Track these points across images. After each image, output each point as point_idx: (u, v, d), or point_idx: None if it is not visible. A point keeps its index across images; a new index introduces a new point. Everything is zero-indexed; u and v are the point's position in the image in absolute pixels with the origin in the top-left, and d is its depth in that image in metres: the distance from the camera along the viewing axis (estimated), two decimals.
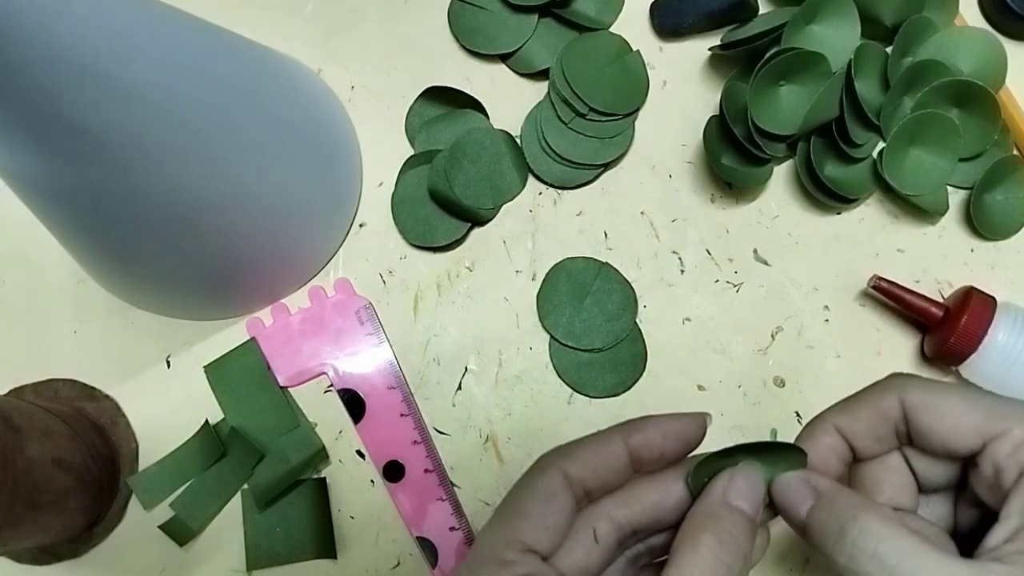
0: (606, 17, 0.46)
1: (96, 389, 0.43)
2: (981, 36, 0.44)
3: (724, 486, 0.26)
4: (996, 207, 0.43)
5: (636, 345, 0.43)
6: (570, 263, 0.44)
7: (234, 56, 0.36)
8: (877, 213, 0.44)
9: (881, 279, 0.41)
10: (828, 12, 0.43)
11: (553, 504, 0.26)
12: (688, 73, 0.46)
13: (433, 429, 0.42)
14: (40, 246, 0.44)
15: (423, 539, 0.41)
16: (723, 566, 0.24)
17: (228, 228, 0.38)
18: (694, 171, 0.45)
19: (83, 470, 0.39)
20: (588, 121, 0.43)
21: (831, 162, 0.43)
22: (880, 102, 0.43)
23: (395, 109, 0.45)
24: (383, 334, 0.43)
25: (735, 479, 0.26)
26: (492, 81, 0.46)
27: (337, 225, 0.44)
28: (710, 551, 0.24)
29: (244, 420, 0.42)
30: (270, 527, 0.41)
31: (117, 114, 0.29)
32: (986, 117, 0.42)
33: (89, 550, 0.42)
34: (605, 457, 0.27)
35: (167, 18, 0.32)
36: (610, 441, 0.27)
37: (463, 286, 0.44)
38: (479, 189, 0.43)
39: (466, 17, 0.46)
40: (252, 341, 0.43)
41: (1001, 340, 0.39)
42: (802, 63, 0.42)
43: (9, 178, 0.33)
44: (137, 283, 0.41)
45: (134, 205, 0.33)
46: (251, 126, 0.36)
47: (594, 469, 0.27)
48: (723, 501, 0.25)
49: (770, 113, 0.42)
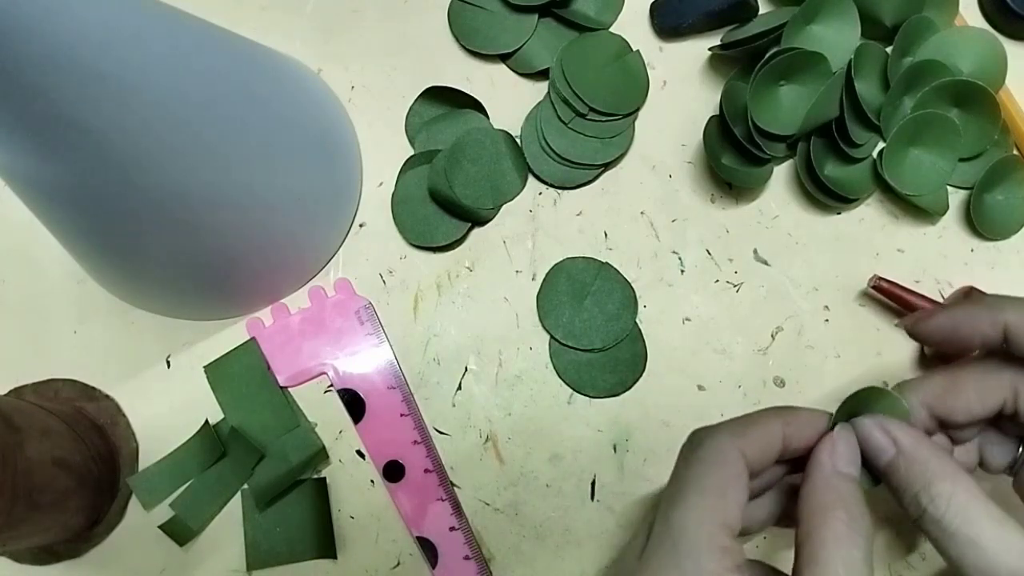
0: (606, 17, 0.46)
1: (96, 389, 0.43)
2: (981, 36, 0.44)
3: (829, 453, 0.26)
4: (996, 207, 0.43)
5: (636, 345, 0.43)
6: (570, 263, 0.44)
7: (234, 56, 0.37)
8: (877, 213, 0.44)
9: (881, 279, 0.41)
10: (828, 12, 0.43)
11: (741, 484, 0.26)
12: (688, 73, 0.46)
13: (433, 429, 0.42)
14: (40, 246, 0.44)
15: (423, 539, 0.41)
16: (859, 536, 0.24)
17: (228, 228, 0.38)
18: (694, 171, 0.45)
19: (83, 470, 0.39)
20: (588, 121, 0.43)
21: (831, 162, 0.43)
22: (880, 102, 0.43)
23: (395, 109, 0.45)
24: (383, 334, 0.43)
25: (838, 446, 0.26)
26: (492, 81, 0.46)
27: (337, 225, 0.44)
28: (844, 524, 0.24)
29: (244, 420, 0.42)
30: (270, 527, 0.41)
31: (117, 114, 0.29)
32: (986, 117, 0.43)
33: (89, 550, 0.42)
34: (769, 442, 0.27)
35: (167, 18, 0.32)
36: (774, 426, 0.27)
37: (463, 286, 0.44)
38: (479, 189, 0.43)
39: (466, 17, 0.46)
40: (252, 341, 0.43)
41: None
42: (802, 63, 0.42)
43: (9, 178, 0.33)
44: (137, 283, 0.41)
45: (134, 205, 0.33)
46: (251, 126, 0.36)
47: (760, 452, 0.27)
48: (834, 471, 0.26)
49: (770, 113, 0.42)
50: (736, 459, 0.26)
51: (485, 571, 0.41)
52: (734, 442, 0.27)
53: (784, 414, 0.28)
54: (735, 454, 0.26)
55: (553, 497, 0.42)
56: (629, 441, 0.42)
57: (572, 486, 0.42)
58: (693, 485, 0.26)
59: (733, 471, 0.26)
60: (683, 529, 0.25)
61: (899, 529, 0.41)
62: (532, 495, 0.42)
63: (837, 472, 0.26)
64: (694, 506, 0.25)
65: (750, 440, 0.27)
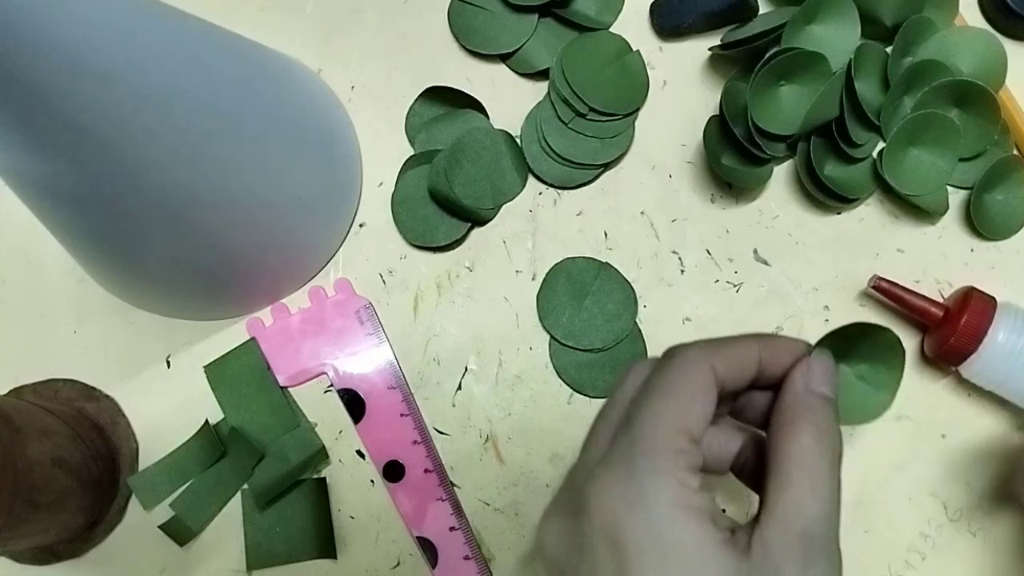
0: (606, 17, 0.46)
1: (96, 389, 0.43)
2: (981, 36, 0.44)
3: (804, 374, 0.27)
4: (996, 207, 0.43)
5: (636, 345, 0.43)
6: (570, 263, 0.44)
7: (234, 56, 0.37)
8: (877, 213, 0.44)
9: (881, 279, 0.41)
10: (828, 12, 0.43)
11: (708, 396, 0.26)
12: (688, 73, 0.46)
13: (433, 429, 0.42)
14: (40, 246, 0.44)
15: (423, 539, 0.41)
16: (827, 449, 0.25)
17: (228, 228, 0.38)
18: (694, 171, 0.45)
19: (83, 470, 0.39)
20: (588, 121, 0.43)
21: (831, 162, 0.43)
22: (880, 102, 0.43)
23: (395, 109, 0.45)
24: (383, 334, 0.43)
25: (812, 367, 0.27)
26: (492, 81, 0.46)
27: (337, 225, 0.44)
28: (811, 437, 0.25)
29: (244, 420, 0.42)
30: (270, 527, 0.41)
31: (116, 114, 0.29)
32: (986, 117, 0.42)
33: (89, 550, 0.42)
34: (744, 363, 0.27)
35: (167, 18, 0.32)
36: (749, 348, 0.27)
37: (463, 286, 0.44)
38: (479, 189, 0.43)
39: (466, 17, 0.46)
40: (252, 341, 0.43)
41: (1001, 340, 0.39)
42: (802, 63, 0.42)
43: (9, 178, 0.33)
44: (137, 283, 0.41)
45: (134, 205, 0.33)
46: (251, 126, 0.36)
47: (733, 371, 0.27)
48: (807, 389, 0.26)
49: (770, 113, 0.42)
50: (706, 371, 0.26)
51: (485, 571, 0.41)
52: (707, 356, 0.27)
53: (763, 339, 0.28)
54: (706, 366, 0.26)
55: None
56: None
57: None
58: (659, 390, 0.26)
59: (701, 382, 0.26)
60: (642, 429, 0.25)
61: (899, 529, 0.41)
62: (532, 495, 0.42)
63: (809, 390, 0.26)
64: (657, 409, 0.26)
65: (723, 356, 0.27)
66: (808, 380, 0.27)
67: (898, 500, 0.42)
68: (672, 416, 0.25)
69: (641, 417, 0.26)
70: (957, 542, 0.41)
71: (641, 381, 0.28)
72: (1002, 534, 0.41)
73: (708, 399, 0.26)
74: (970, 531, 0.41)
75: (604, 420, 0.28)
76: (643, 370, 0.28)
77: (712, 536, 0.24)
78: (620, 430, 0.26)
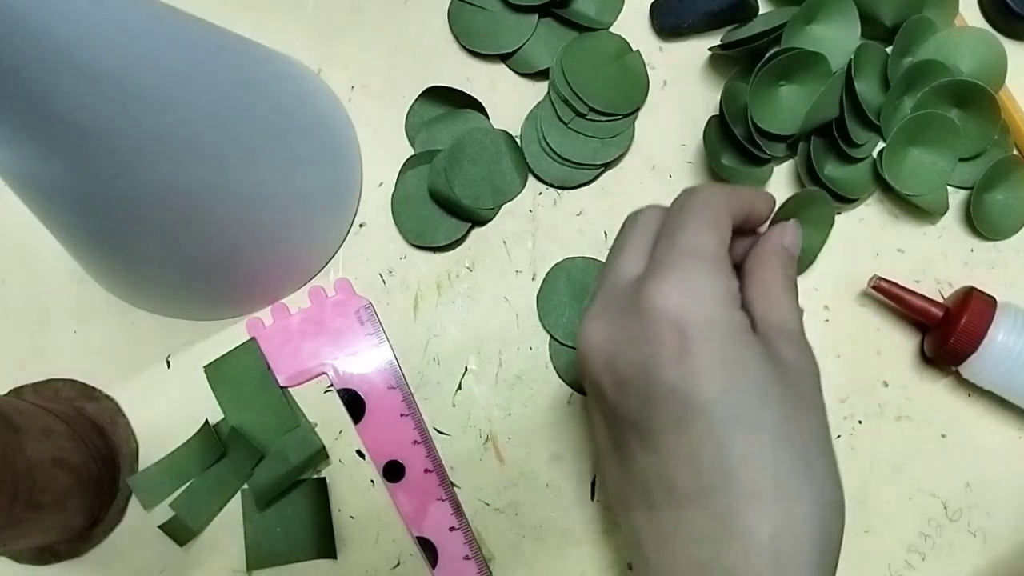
0: (606, 17, 0.46)
1: (96, 389, 0.43)
2: (981, 36, 0.44)
3: (780, 233, 0.33)
4: (996, 207, 0.43)
5: None
6: (570, 263, 0.44)
7: (234, 56, 0.36)
8: (877, 213, 0.44)
9: (881, 279, 0.41)
10: (828, 12, 0.43)
11: (729, 223, 0.31)
12: (688, 73, 0.46)
13: (433, 429, 0.42)
14: (40, 246, 0.44)
15: (423, 539, 0.41)
16: (788, 279, 0.32)
17: (227, 228, 0.38)
18: (694, 171, 0.45)
19: (83, 470, 0.39)
20: (588, 121, 0.43)
21: (831, 162, 0.43)
22: (880, 102, 0.43)
23: (395, 109, 0.45)
24: (383, 334, 0.43)
25: (787, 230, 0.33)
26: (492, 81, 0.46)
27: (337, 225, 0.44)
28: (776, 273, 0.32)
29: (244, 420, 0.42)
30: (270, 527, 0.41)
31: (116, 114, 0.29)
32: (986, 117, 0.42)
33: (89, 550, 0.42)
34: (744, 208, 0.32)
35: (166, 18, 0.32)
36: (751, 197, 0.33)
37: (463, 286, 0.44)
38: (479, 189, 0.43)
39: (466, 17, 0.46)
40: (252, 341, 0.43)
41: (1001, 340, 0.39)
42: (802, 63, 0.42)
43: (9, 178, 0.33)
44: (137, 283, 0.41)
45: (134, 205, 0.33)
46: (251, 126, 0.36)
47: (737, 212, 0.32)
48: (781, 244, 0.33)
49: (770, 113, 0.42)
50: (726, 203, 0.31)
51: (485, 571, 0.41)
52: (724, 193, 0.32)
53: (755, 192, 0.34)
54: (724, 200, 0.31)
55: (553, 497, 0.42)
56: None
57: (572, 486, 0.42)
58: (695, 212, 0.31)
59: (725, 208, 0.31)
60: (691, 240, 0.30)
61: (899, 529, 0.41)
62: (532, 495, 0.42)
63: (783, 245, 0.33)
64: (699, 224, 0.30)
65: (734, 198, 0.32)
66: (783, 237, 0.33)
67: (898, 500, 0.42)
68: (714, 231, 0.30)
69: (689, 229, 0.30)
70: (957, 542, 0.41)
71: (657, 216, 0.32)
72: (1002, 534, 0.41)
73: (729, 224, 0.31)
74: (970, 531, 0.41)
75: (631, 239, 0.32)
76: (656, 210, 0.33)
77: (748, 322, 0.29)
78: (662, 242, 0.31)
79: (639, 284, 0.29)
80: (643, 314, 0.28)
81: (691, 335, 0.27)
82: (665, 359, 0.28)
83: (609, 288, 0.31)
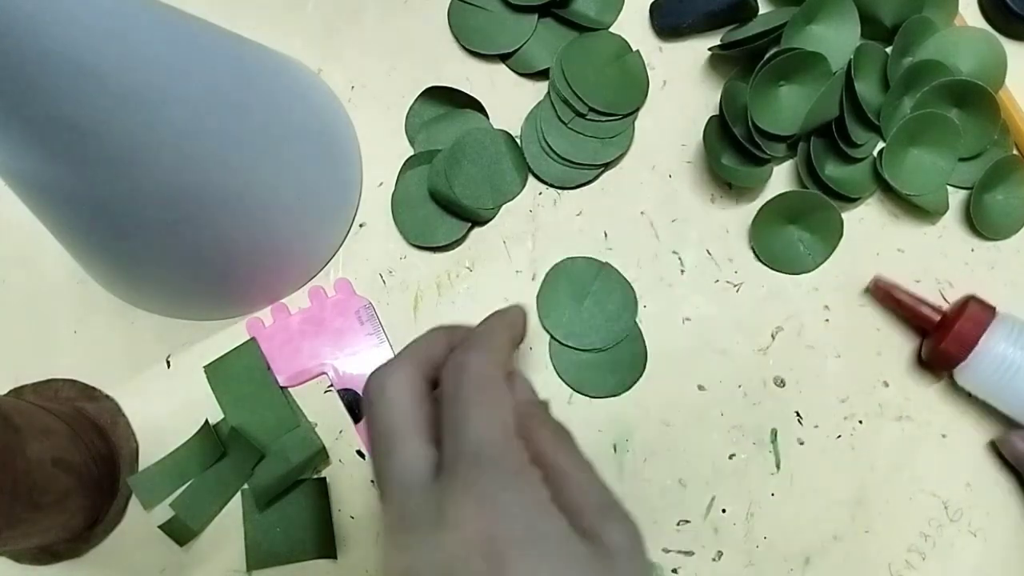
0: (606, 17, 0.46)
1: (96, 389, 0.43)
2: (981, 36, 0.44)
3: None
4: (996, 207, 0.43)
5: (636, 345, 0.43)
6: (570, 263, 0.44)
7: (234, 56, 0.37)
8: (877, 213, 0.44)
9: (879, 284, 0.41)
10: (828, 12, 0.43)
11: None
12: (688, 73, 0.46)
13: None
14: (40, 246, 0.44)
15: None
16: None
17: (227, 228, 0.38)
18: (694, 171, 0.45)
19: (83, 470, 0.39)
20: (588, 121, 0.43)
21: (831, 162, 0.43)
22: (880, 102, 0.43)
23: (395, 109, 0.45)
24: (383, 334, 0.43)
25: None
26: (492, 81, 0.46)
27: (337, 225, 0.44)
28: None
29: (244, 420, 0.42)
30: (270, 527, 0.41)
31: (116, 114, 0.29)
32: (986, 117, 0.43)
33: (89, 550, 0.42)
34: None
35: (166, 18, 0.32)
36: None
37: (463, 286, 0.44)
38: (479, 189, 0.43)
39: (466, 17, 0.46)
40: (252, 341, 0.43)
41: (995, 349, 0.38)
42: (802, 63, 0.42)
43: (9, 178, 0.33)
44: (137, 283, 0.41)
45: (134, 205, 0.33)
46: (250, 126, 0.36)
47: (512, 350, 0.32)
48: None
49: (770, 113, 0.42)
50: (499, 360, 0.30)
51: None
52: (492, 353, 0.30)
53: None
54: (495, 357, 0.30)
55: None
56: (629, 441, 0.42)
57: None
58: (473, 401, 0.28)
59: (499, 373, 0.29)
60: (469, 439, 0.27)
61: (899, 529, 0.41)
62: None
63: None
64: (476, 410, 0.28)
65: (499, 345, 0.31)
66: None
67: (898, 500, 0.42)
68: (496, 414, 0.28)
69: (471, 424, 0.27)
70: (957, 542, 0.41)
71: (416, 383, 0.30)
72: (1002, 534, 0.41)
73: (508, 390, 0.29)
74: (970, 531, 0.41)
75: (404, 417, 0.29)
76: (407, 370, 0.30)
77: (563, 525, 0.26)
78: (447, 441, 0.27)
79: (437, 500, 0.26)
80: (450, 545, 0.25)
81: (507, 558, 0.24)
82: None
83: (403, 497, 0.27)
